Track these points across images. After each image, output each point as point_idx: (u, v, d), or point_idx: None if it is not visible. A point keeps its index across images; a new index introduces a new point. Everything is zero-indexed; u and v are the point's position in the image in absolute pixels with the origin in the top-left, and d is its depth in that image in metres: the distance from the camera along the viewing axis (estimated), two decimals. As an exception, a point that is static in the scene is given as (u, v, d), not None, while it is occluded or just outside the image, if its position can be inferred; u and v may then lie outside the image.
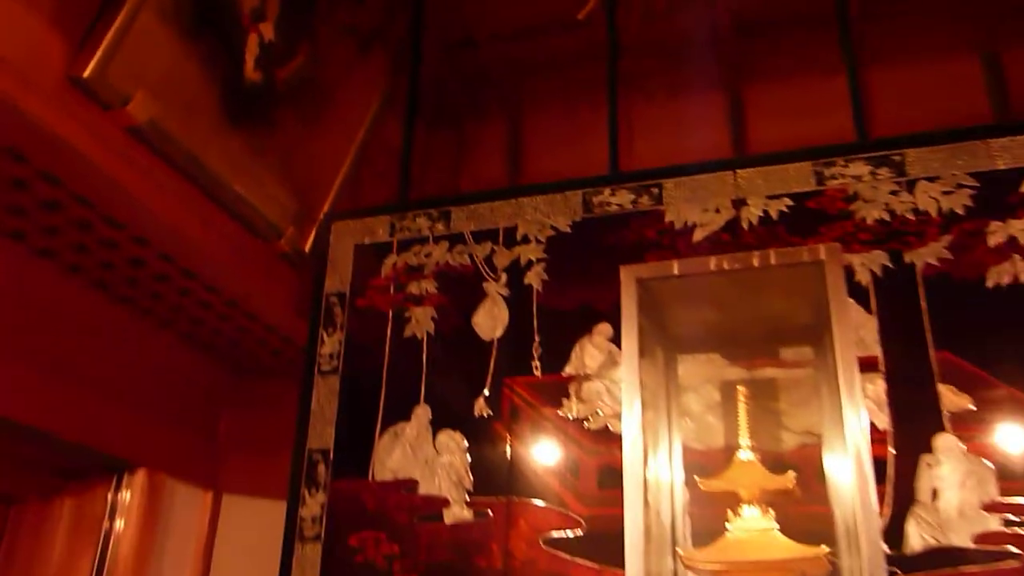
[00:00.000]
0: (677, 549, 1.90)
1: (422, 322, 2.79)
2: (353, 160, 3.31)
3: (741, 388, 1.93)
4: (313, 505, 2.66)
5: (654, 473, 2.13)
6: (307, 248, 3.06)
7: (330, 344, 2.86)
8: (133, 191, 2.37)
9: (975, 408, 2.25)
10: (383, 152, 3.44)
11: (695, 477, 1.90)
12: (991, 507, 2.16)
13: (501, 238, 2.81)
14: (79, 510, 3.38)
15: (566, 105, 3.65)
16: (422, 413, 2.68)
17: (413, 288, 2.84)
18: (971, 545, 2.14)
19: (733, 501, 1.84)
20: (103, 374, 3.05)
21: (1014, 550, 2.11)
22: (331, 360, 2.83)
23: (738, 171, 2.62)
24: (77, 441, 2.94)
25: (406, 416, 2.69)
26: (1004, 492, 2.17)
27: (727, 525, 1.81)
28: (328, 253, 2.99)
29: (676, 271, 1.95)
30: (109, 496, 3.33)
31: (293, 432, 2.80)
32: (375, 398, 2.73)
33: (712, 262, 1.92)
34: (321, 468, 2.70)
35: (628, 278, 1.89)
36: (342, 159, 3.27)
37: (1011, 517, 2.14)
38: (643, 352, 1.92)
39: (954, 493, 2.21)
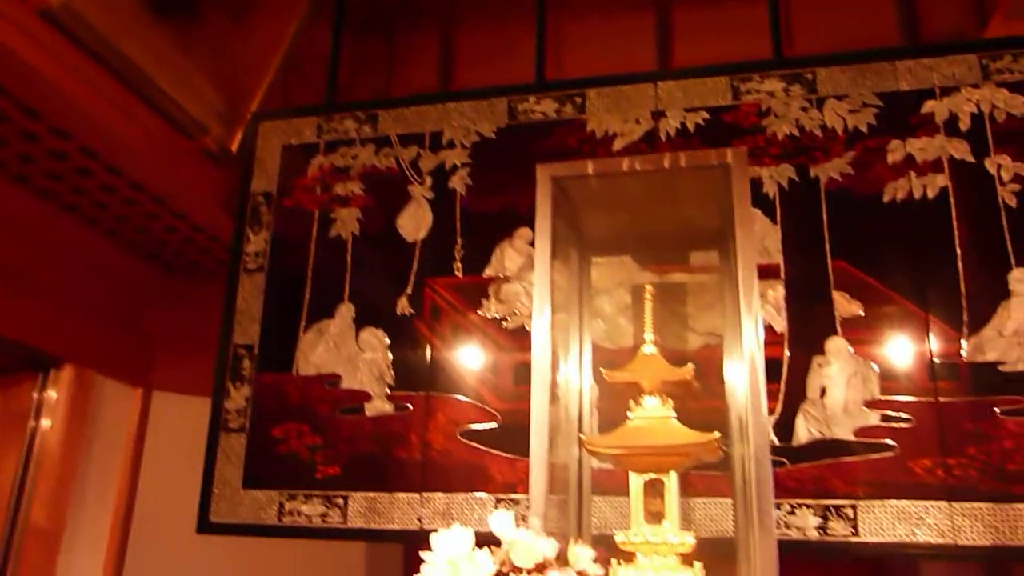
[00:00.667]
0: (580, 435, 2.02)
1: (347, 223, 2.83)
2: (281, 62, 3.27)
3: (649, 287, 2.03)
4: (238, 398, 2.73)
5: (564, 370, 2.23)
6: (234, 147, 3.05)
7: (256, 243, 2.88)
8: (48, 75, 2.32)
9: (864, 314, 2.41)
10: (313, 59, 3.39)
11: (600, 369, 2.00)
12: (872, 404, 2.35)
13: (427, 142, 2.85)
14: (4, 407, 3.39)
15: (497, 18, 3.63)
16: (346, 311, 2.74)
17: (339, 189, 2.87)
18: (852, 438, 2.33)
19: (636, 392, 1.94)
20: (27, 270, 3.03)
21: (890, 442, 2.30)
22: (257, 258, 2.86)
23: (658, 83, 2.69)
24: (1, 335, 2.94)
25: (330, 314, 2.76)
26: (884, 391, 2.35)
27: (628, 414, 1.92)
28: (255, 152, 2.99)
29: (591, 170, 2.01)
30: (35, 394, 3.34)
31: (217, 329, 2.84)
32: (300, 296, 2.78)
33: (625, 163, 2.00)
34: (246, 363, 2.76)
35: (544, 176, 1.95)
36: (270, 60, 3.23)
37: (889, 413, 2.33)
38: (557, 254, 1.99)
39: (840, 391, 2.38)
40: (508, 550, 1.49)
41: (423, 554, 1.55)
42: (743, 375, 1.99)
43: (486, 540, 1.57)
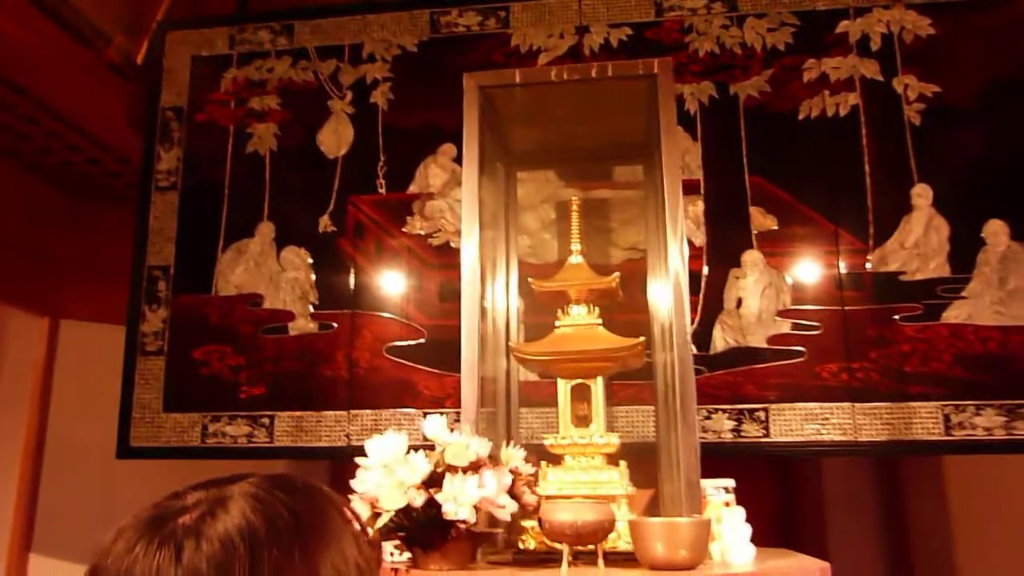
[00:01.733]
0: (509, 343, 2.05)
1: (265, 138, 2.74)
2: (188, -33, 3.10)
3: (575, 199, 2.05)
4: (154, 321, 2.66)
5: (491, 285, 2.25)
6: (139, 59, 2.89)
7: (168, 160, 2.77)
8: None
9: (778, 228, 2.50)
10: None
11: (528, 279, 2.02)
12: (784, 313, 2.46)
13: (347, 55, 2.76)
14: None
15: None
16: (266, 230, 2.68)
17: (255, 104, 2.77)
18: (765, 346, 2.45)
19: (563, 303, 1.98)
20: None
21: (800, 349, 2.42)
22: (169, 176, 2.75)
23: (583, -3, 2.67)
24: None
25: (250, 233, 2.69)
26: (795, 301, 2.46)
27: (556, 322, 1.96)
28: (163, 65, 2.84)
29: (518, 79, 2.00)
30: (-68, 324, 3.18)
31: (130, 254, 2.74)
32: (217, 215, 2.70)
33: (553, 72, 1.99)
34: (162, 284, 2.68)
35: (471, 86, 1.92)
36: (175, -36, 3.05)
37: (800, 321, 2.44)
38: (484, 168, 1.99)
39: (755, 302, 2.48)
40: (443, 451, 1.52)
41: (358, 459, 1.56)
42: (666, 288, 2.05)
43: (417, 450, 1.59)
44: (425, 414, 2.49)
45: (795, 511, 2.99)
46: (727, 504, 1.80)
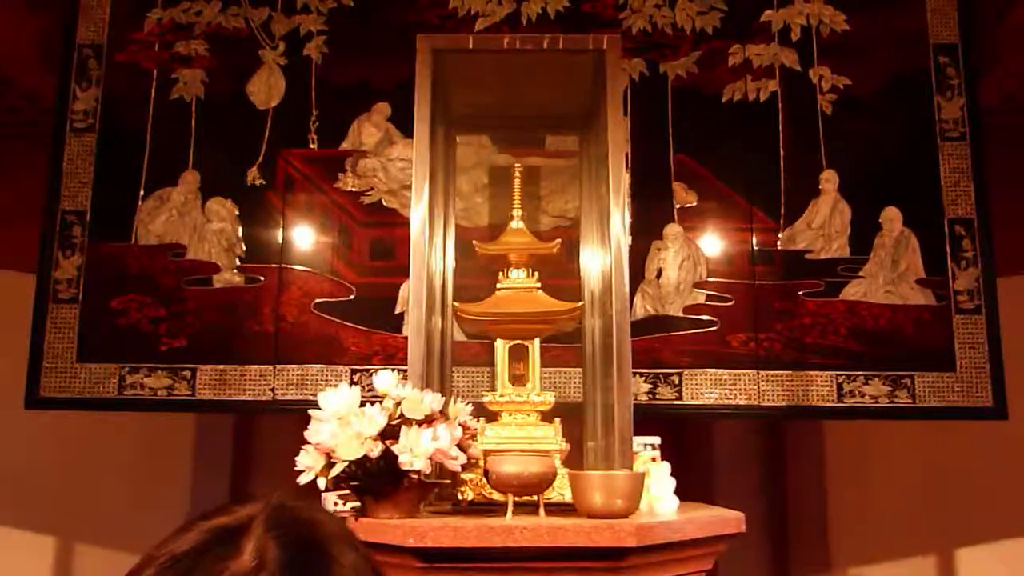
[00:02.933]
0: (453, 304, 2.09)
1: (191, 85, 2.65)
2: None
3: (518, 166, 2.11)
4: (68, 268, 2.55)
5: (429, 246, 2.28)
6: (53, -10, 2.72)
7: (84, 100, 2.64)
8: None
9: (698, 204, 2.64)
10: None
11: (474, 242, 2.07)
12: (699, 284, 2.61)
13: (280, 4, 2.70)
14: None
15: None
16: (191, 178, 2.61)
17: (181, 48, 2.67)
18: (681, 315, 2.59)
19: (502, 265, 2.04)
20: None
21: (712, 318, 2.58)
22: (86, 117, 2.63)
23: (523, -34, 2.70)
24: None
25: (173, 181, 2.61)
26: (711, 274, 2.62)
27: (497, 285, 2.02)
28: (79, -2, 2.69)
29: (471, 45, 2.03)
30: None
31: (40, 197, 2.61)
32: (138, 160, 2.60)
33: (505, 40, 2.03)
34: (77, 230, 2.57)
35: (424, 47, 1.93)
36: None
37: (714, 293, 2.60)
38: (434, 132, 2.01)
39: (674, 273, 2.62)
40: (397, 404, 1.57)
41: (311, 411, 1.59)
42: (602, 255, 2.15)
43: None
44: (353, 371, 2.51)
45: (686, 471, 3.20)
46: (654, 460, 1.93)
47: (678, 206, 2.64)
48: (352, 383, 2.43)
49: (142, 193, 2.60)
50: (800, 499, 3.20)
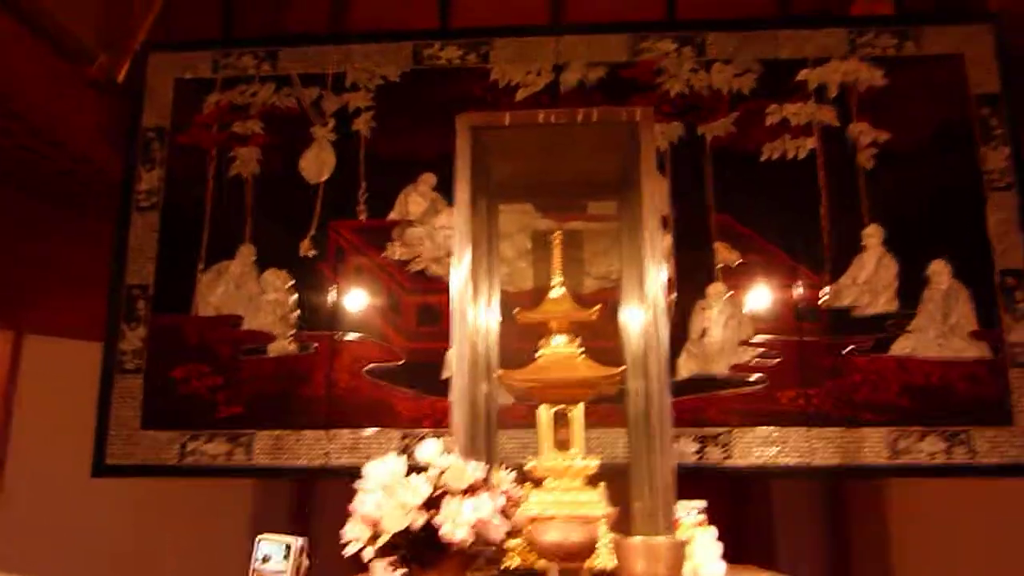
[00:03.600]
0: (496, 372, 2.13)
1: (247, 162, 2.80)
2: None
3: (558, 233, 2.15)
4: (133, 339, 2.68)
5: (472, 312, 2.34)
6: (120, 78, 2.91)
7: (148, 180, 2.80)
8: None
9: (742, 262, 2.66)
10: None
11: (514, 311, 2.12)
12: (745, 343, 2.61)
13: (330, 83, 2.84)
14: None
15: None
16: (247, 252, 2.73)
17: (238, 128, 2.82)
18: (727, 373, 2.59)
19: (544, 332, 2.08)
20: None
21: (760, 376, 2.57)
22: (150, 196, 2.78)
23: (560, 37, 2.80)
24: None
25: (230, 255, 2.73)
26: (757, 332, 2.61)
27: (537, 352, 2.06)
28: (146, 85, 2.87)
29: (507, 122, 2.10)
30: None
31: (104, 269, 2.76)
32: (197, 236, 2.74)
33: (540, 115, 2.10)
34: (141, 303, 2.70)
35: (463, 126, 2.02)
36: (158, -13, 3.08)
37: (760, 351, 2.59)
38: (475, 204, 2.08)
39: (719, 331, 2.63)
40: (441, 474, 1.61)
41: (356, 484, 1.63)
42: (642, 315, 2.17)
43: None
44: (404, 435, 2.56)
45: (745, 531, 3.14)
46: (700, 524, 1.92)
47: (721, 265, 2.66)
48: (402, 447, 2.48)
49: (201, 266, 2.73)
50: (865, 559, 3.10)
